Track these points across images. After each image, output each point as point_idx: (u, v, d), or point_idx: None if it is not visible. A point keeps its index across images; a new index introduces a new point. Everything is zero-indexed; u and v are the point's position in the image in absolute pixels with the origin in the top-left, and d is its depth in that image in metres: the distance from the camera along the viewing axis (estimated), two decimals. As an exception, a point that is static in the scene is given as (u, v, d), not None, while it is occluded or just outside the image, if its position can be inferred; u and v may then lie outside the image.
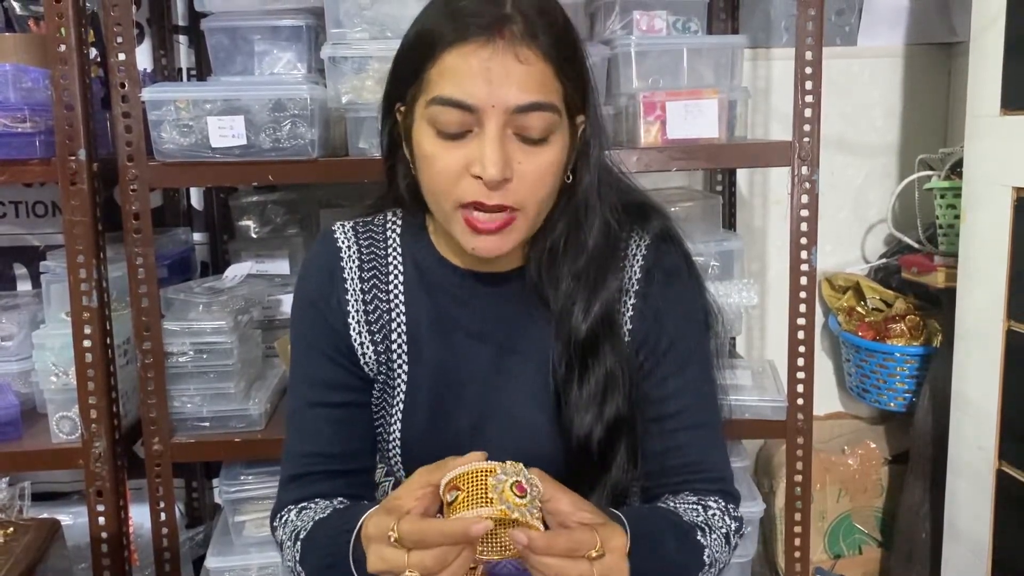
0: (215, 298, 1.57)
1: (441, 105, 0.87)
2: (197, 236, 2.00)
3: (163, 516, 1.54)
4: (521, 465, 0.81)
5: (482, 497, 0.78)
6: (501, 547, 0.80)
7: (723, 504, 1.00)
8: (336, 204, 1.89)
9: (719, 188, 2.05)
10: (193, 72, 1.96)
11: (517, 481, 0.79)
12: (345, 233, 1.05)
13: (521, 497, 0.78)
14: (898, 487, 1.99)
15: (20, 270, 1.94)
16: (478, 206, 0.88)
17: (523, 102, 0.86)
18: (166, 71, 1.92)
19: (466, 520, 0.75)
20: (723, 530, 0.97)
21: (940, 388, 1.73)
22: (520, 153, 0.88)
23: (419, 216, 1.04)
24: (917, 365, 1.86)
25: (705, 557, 0.94)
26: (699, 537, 0.94)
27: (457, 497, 0.79)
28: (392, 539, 0.77)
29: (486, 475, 0.79)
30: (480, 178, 0.87)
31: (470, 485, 0.79)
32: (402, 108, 0.95)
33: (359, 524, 0.86)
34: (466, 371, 1.01)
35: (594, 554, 0.79)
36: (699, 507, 0.98)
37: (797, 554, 1.61)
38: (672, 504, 0.98)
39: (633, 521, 0.87)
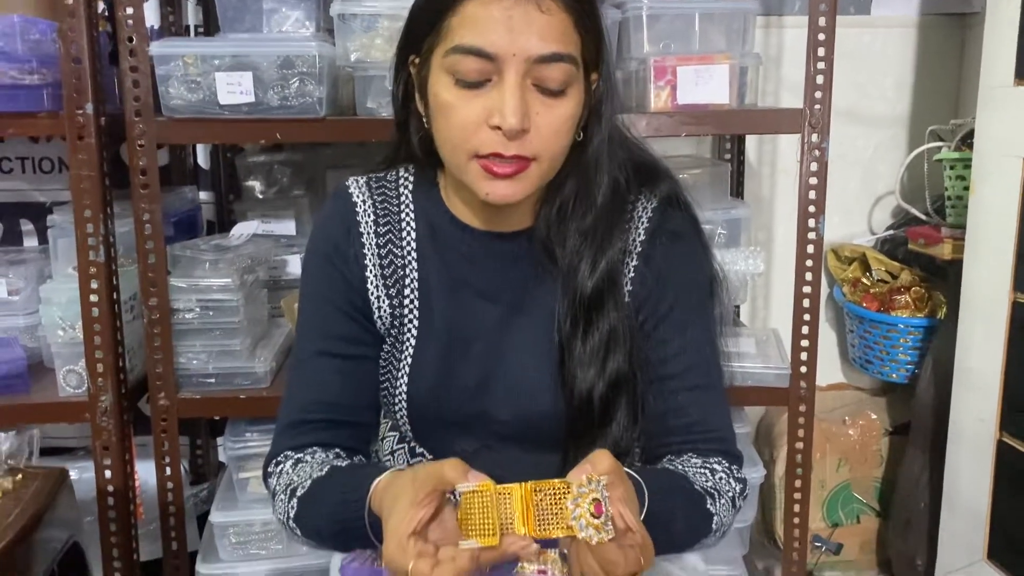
0: (222, 255, 1.57)
1: (461, 53, 0.87)
2: (203, 195, 2.00)
3: (168, 471, 1.56)
4: (596, 478, 0.77)
5: (490, 523, 0.76)
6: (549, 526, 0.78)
7: (727, 465, 1.00)
8: (343, 165, 1.88)
9: (727, 157, 2.04)
10: (201, 29, 1.95)
11: (596, 500, 0.76)
12: (359, 188, 1.05)
13: (598, 518, 0.76)
14: (898, 458, 2.01)
15: (27, 226, 1.94)
16: (495, 156, 0.88)
17: (544, 52, 0.86)
18: (173, 28, 1.90)
19: (469, 550, 0.74)
20: (730, 494, 0.98)
21: (943, 360, 1.74)
22: (538, 104, 0.89)
23: (431, 173, 1.04)
24: (921, 337, 1.87)
25: (713, 524, 0.95)
26: (709, 506, 0.95)
27: (464, 516, 0.77)
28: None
29: (498, 496, 0.77)
30: (499, 128, 0.87)
31: (479, 505, 0.76)
32: (416, 60, 0.95)
33: (369, 489, 0.87)
34: (474, 329, 1.01)
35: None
36: (706, 471, 0.98)
37: (796, 520, 1.62)
38: (680, 467, 0.99)
39: (650, 495, 0.87)
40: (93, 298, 1.46)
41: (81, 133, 1.41)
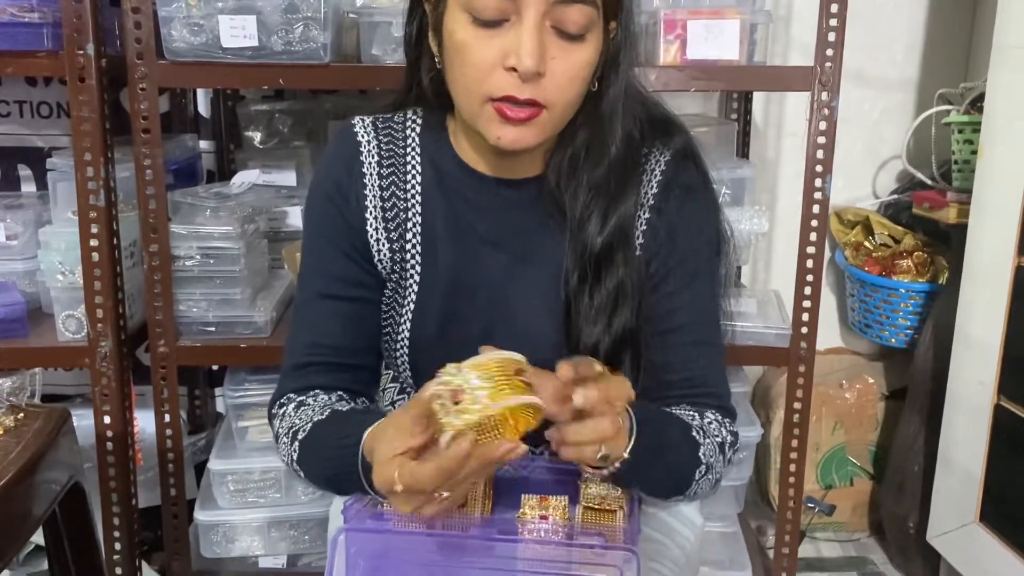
0: (223, 203, 1.56)
1: None
2: (203, 144, 1.98)
3: (167, 418, 1.56)
4: (450, 371, 0.78)
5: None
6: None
7: (720, 417, 1.00)
8: (344, 116, 1.87)
9: (734, 117, 2.02)
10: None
11: (454, 390, 0.76)
12: (365, 127, 1.03)
13: (459, 403, 0.76)
14: (893, 422, 2.02)
15: (24, 171, 1.92)
16: (508, 99, 0.87)
17: None
18: (175, -29, 1.87)
19: (447, 455, 0.75)
20: (718, 439, 0.97)
21: (943, 325, 1.74)
22: (556, 48, 0.87)
23: (440, 116, 1.03)
24: (921, 302, 1.87)
25: (700, 455, 0.94)
26: (694, 434, 0.95)
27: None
28: (400, 491, 0.76)
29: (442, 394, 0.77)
30: (514, 70, 0.85)
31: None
32: None
33: (362, 438, 0.87)
34: (478, 276, 1.00)
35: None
36: (695, 414, 0.98)
37: (792, 479, 1.63)
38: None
39: (639, 409, 0.88)
40: (93, 243, 1.45)
41: (82, 75, 1.39)
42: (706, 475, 0.96)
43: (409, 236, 1.02)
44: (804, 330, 1.55)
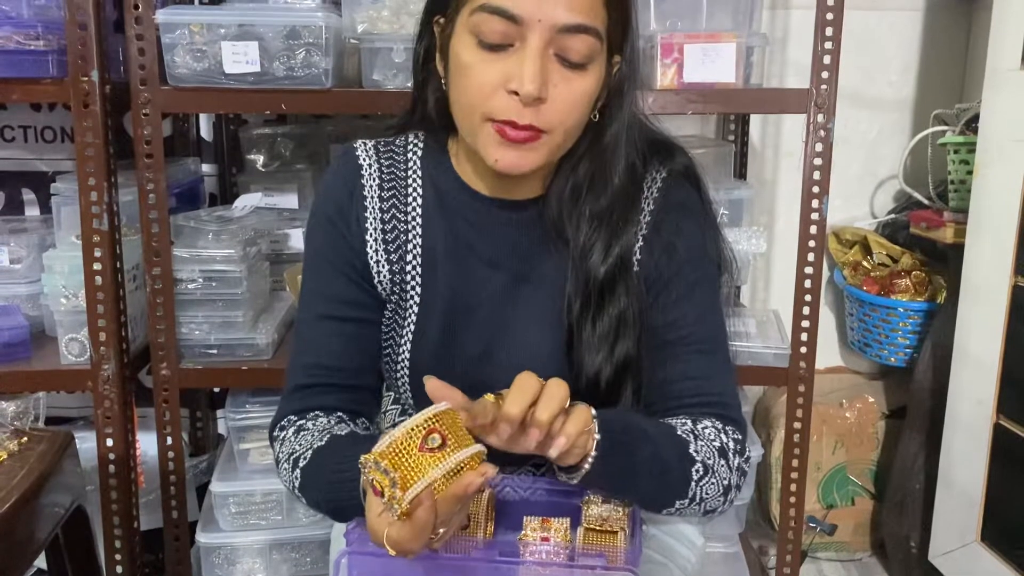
0: (225, 227, 1.57)
1: (488, 12, 0.87)
2: (206, 167, 1.99)
3: (169, 440, 1.56)
4: (371, 459, 0.77)
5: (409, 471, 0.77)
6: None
7: (719, 424, 0.98)
8: (346, 140, 1.88)
9: (731, 138, 2.04)
10: (205, 1, 1.93)
11: (371, 482, 0.77)
12: (367, 151, 1.05)
13: (382, 496, 0.77)
14: (893, 441, 2.02)
15: (28, 195, 1.93)
16: (509, 124, 0.88)
17: (570, 22, 0.86)
18: (178, -2, 1.89)
19: (416, 518, 0.75)
20: (715, 443, 0.95)
21: (942, 343, 1.74)
22: (558, 75, 0.89)
23: (442, 139, 1.04)
24: (920, 321, 1.88)
25: (692, 451, 0.92)
26: (679, 433, 0.93)
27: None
28: (393, 552, 0.77)
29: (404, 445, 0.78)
30: (516, 94, 0.87)
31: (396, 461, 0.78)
32: (441, 20, 0.95)
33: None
34: (479, 297, 1.01)
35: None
36: (688, 420, 0.97)
37: (793, 499, 1.63)
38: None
39: (601, 417, 0.87)
40: (96, 267, 1.46)
41: (86, 100, 1.41)
42: (707, 477, 0.93)
43: (409, 258, 1.03)
44: (803, 350, 1.56)
